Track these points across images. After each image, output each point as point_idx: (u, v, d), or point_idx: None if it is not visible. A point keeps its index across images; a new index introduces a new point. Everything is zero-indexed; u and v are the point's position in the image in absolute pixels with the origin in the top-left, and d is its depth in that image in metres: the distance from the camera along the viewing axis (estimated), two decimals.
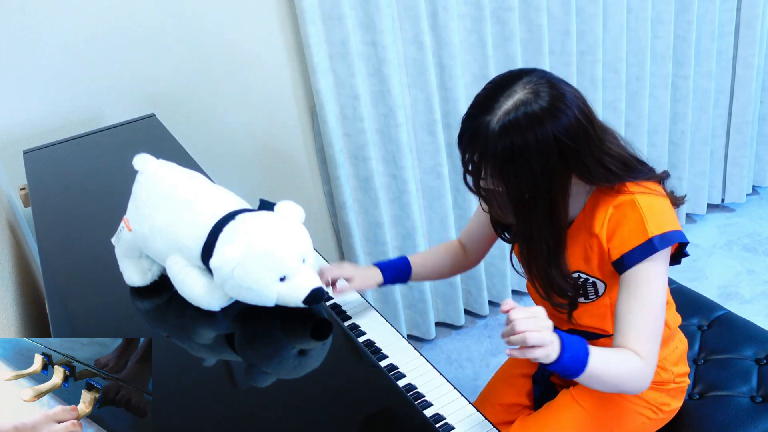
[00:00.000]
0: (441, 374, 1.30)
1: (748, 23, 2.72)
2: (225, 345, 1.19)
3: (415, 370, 1.32)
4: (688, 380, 1.52)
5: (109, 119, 1.95)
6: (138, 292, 1.29)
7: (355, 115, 2.16)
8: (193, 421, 1.03)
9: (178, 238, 1.18)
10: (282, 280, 1.13)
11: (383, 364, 1.33)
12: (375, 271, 1.54)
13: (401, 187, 2.32)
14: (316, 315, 1.21)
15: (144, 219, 1.22)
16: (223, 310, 1.20)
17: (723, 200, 3.14)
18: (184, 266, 1.19)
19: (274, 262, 1.12)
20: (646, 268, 1.25)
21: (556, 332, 1.16)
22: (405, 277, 1.57)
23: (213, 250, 1.14)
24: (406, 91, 2.25)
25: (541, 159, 1.18)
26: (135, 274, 1.28)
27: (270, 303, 1.16)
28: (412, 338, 2.65)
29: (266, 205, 1.19)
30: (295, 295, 1.14)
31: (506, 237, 1.47)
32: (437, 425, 1.18)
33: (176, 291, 1.22)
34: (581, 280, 1.34)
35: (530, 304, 1.20)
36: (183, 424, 1.03)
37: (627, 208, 1.26)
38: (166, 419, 1.02)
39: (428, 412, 1.22)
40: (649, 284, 1.26)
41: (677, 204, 1.33)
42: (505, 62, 2.31)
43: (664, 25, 2.57)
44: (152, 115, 1.92)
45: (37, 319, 1.56)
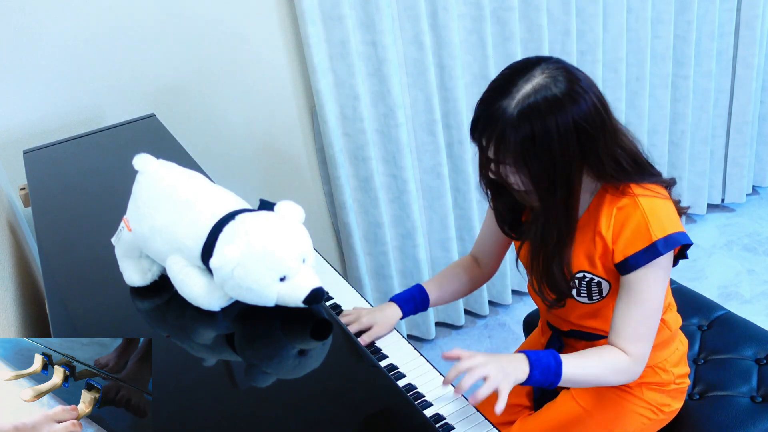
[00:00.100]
0: (441, 374, 1.30)
1: (748, 23, 2.72)
2: (225, 345, 1.19)
3: (415, 370, 1.32)
4: (689, 381, 1.52)
5: (109, 119, 1.95)
6: (138, 292, 1.29)
7: (355, 115, 2.16)
8: (193, 421, 1.03)
9: (178, 238, 1.18)
10: (282, 280, 1.13)
11: (383, 364, 1.33)
12: (392, 308, 1.48)
13: (401, 187, 2.32)
14: (316, 315, 1.21)
15: (144, 219, 1.22)
16: (223, 310, 1.20)
17: (723, 200, 3.13)
18: (184, 266, 1.19)
19: (274, 262, 1.12)
20: (648, 272, 1.25)
21: (523, 352, 1.22)
22: (423, 306, 1.52)
23: (213, 250, 1.14)
24: (406, 91, 2.25)
25: (561, 145, 1.17)
26: (135, 274, 1.28)
27: (270, 303, 1.16)
28: (412, 338, 2.65)
29: (266, 205, 1.19)
30: (295, 295, 1.14)
31: (513, 235, 1.44)
32: (437, 425, 1.18)
33: (176, 291, 1.22)
34: (586, 280, 1.34)
35: (530, 304, 1.20)
36: (183, 424, 1.03)
37: (630, 211, 1.25)
38: (166, 419, 1.02)
39: (428, 412, 1.22)
40: (649, 288, 1.26)
41: (679, 213, 1.32)
42: (505, 62, 2.29)
43: (664, 25, 2.57)
44: (152, 115, 1.92)
45: (37, 319, 1.56)
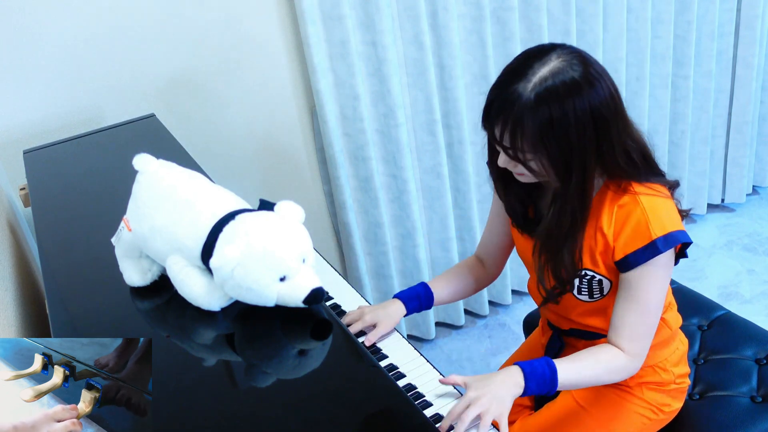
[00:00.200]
0: (441, 374, 1.30)
1: (748, 23, 2.72)
2: (225, 345, 1.19)
3: (415, 370, 1.31)
4: (689, 381, 1.52)
5: (109, 119, 1.95)
6: (138, 292, 1.29)
7: (355, 115, 2.16)
8: (193, 421, 1.03)
9: (178, 238, 1.18)
10: (282, 280, 1.13)
11: (383, 364, 1.33)
12: (396, 306, 1.46)
13: (401, 187, 2.32)
14: (316, 315, 1.21)
15: (144, 219, 1.22)
16: (223, 310, 1.20)
17: (723, 200, 3.13)
18: (184, 266, 1.19)
19: (274, 262, 1.12)
20: (648, 271, 1.25)
21: (516, 364, 1.23)
22: (428, 304, 1.51)
23: (213, 250, 1.14)
24: (406, 91, 2.25)
25: (578, 129, 1.16)
26: (135, 274, 1.28)
27: (270, 303, 1.16)
28: (412, 338, 2.65)
29: (266, 205, 1.19)
30: (295, 295, 1.14)
31: (524, 225, 1.42)
32: (437, 425, 1.18)
33: (176, 291, 1.22)
34: (587, 277, 1.34)
35: (530, 304, 1.20)
36: (183, 424, 1.03)
37: (631, 209, 1.25)
38: (166, 419, 1.02)
39: (428, 412, 1.21)
40: (649, 287, 1.26)
41: (680, 216, 1.31)
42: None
43: (664, 25, 2.57)
44: (152, 115, 1.92)
45: (37, 319, 1.56)
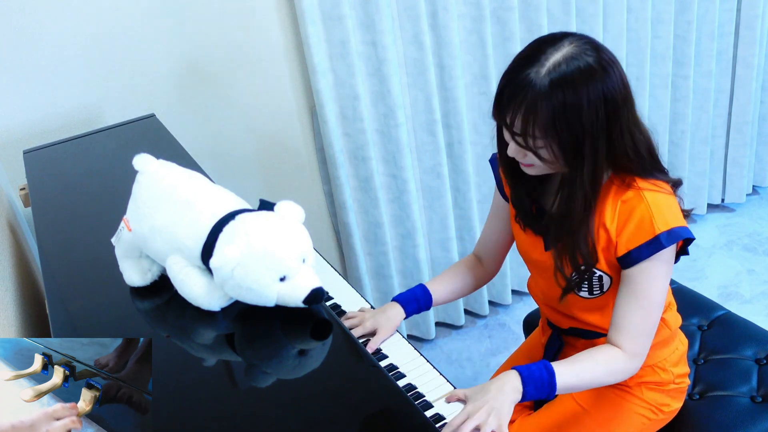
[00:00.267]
0: (441, 374, 1.30)
1: (748, 23, 2.72)
2: (225, 345, 1.19)
3: (415, 370, 1.31)
4: (688, 381, 1.52)
5: (109, 119, 1.95)
6: (138, 292, 1.29)
7: (355, 115, 2.16)
8: (193, 421, 1.03)
9: (178, 238, 1.18)
10: (282, 280, 1.13)
11: (383, 364, 1.33)
12: (395, 309, 1.46)
13: (401, 187, 2.32)
14: (316, 315, 1.21)
15: (144, 219, 1.22)
16: (223, 310, 1.20)
17: (723, 200, 3.13)
18: (184, 266, 1.19)
19: (274, 262, 1.12)
20: (650, 266, 1.25)
21: (514, 368, 1.23)
22: (426, 306, 1.52)
23: (213, 250, 1.14)
24: (406, 91, 2.25)
25: (591, 115, 1.16)
26: (135, 274, 1.28)
27: (270, 303, 1.16)
28: (412, 338, 2.65)
29: (266, 205, 1.19)
30: (295, 295, 1.14)
31: (529, 220, 1.41)
32: (437, 425, 1.18)
33: (176, 291, 1.22)
34: (587, 273, 1.34)
35: (530, 304, 1.20)
36: (183, 424, 1.03)
37: (634, 204, 1.25)
38: (166, 419, 1.02)
39: (428, 413, 1.21)
40: (651, 283, 1.26)
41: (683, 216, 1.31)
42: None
43: (664, 25, 2.57)
44: (152, 115, 1.92)
45: (37, 319, 1.56)
